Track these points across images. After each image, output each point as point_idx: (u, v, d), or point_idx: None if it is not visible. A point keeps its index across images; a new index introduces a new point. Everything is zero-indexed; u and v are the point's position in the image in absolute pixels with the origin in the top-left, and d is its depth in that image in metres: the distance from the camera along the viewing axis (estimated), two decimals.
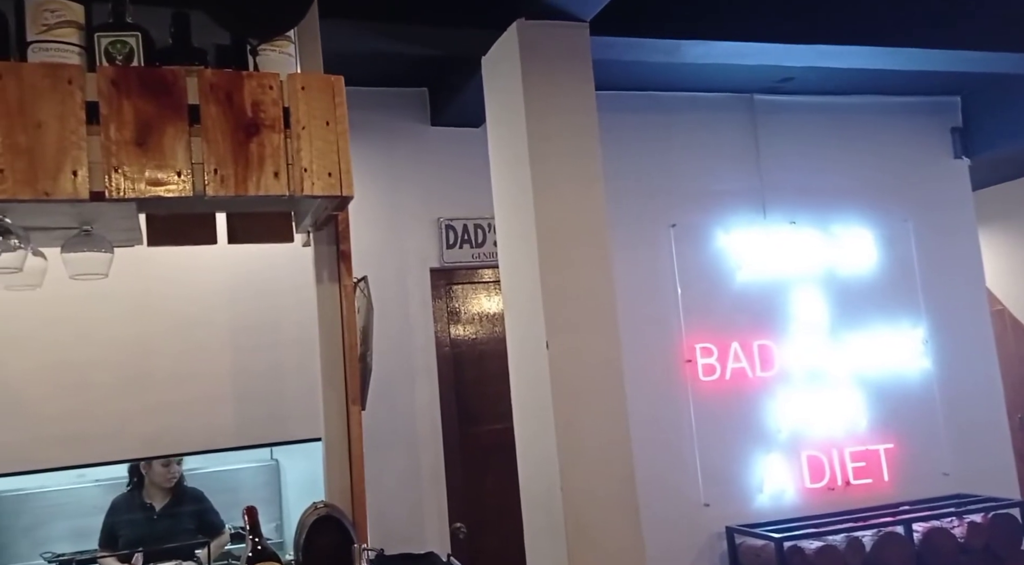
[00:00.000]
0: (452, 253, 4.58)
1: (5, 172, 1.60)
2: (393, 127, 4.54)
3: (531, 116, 3.26)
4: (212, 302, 3.95)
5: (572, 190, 3.26)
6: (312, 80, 2.00)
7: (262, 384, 3.97)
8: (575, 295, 3.17)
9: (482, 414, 4.42)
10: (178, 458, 3.78)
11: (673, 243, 4.79)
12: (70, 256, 1.90)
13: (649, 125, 4.83)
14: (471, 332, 4.59)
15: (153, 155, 1.77)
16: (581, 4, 3.16)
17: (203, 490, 3.82)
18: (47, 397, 3.55)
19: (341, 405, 2.25)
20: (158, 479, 3.69)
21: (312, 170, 1.97)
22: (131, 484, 3.75)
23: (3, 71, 1.62)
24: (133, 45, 1.84)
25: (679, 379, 4.68)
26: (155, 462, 3.66)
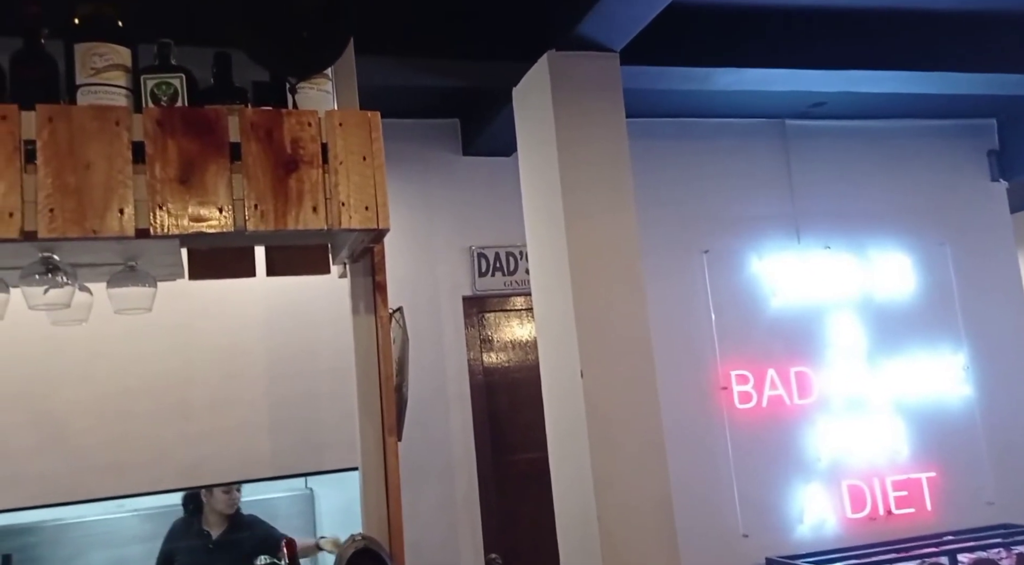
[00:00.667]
0: (484, 281, 4.60)
1: (55, 211, 1.64)
2: (426, 157, 4.59)
3: (562, 145, 3.28)
4: (249, 332, 4.00)
5: (604, 218, 3.27)
6: (349, 116, 2.04)
7: (298, 413, 4.00)
8: (609, 323, 3.16)
9: (516, 442, 4.41)
10: (238, 485, 3.79)
11: (706, 269, 4.77)
12: (115, 291, 1.94)
13: (681, 152, 4.84)
14: (504, 360, 4.60)
15: (196, 192, 1.81)
16: (611, 35, 3.19)
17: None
18: (90, 428, 3.61)
19: (378, 436, 2.26)
20: (219, 506, 3.71)
21: (349, 204, 2.00)
22: (188, 511, 3.77)
23: (54, 114, 1.67)
24: (177, 86, 1.89)
25: (715, 407, 4.64)
26: (216, 489, 3.69)
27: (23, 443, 3.53)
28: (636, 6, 2.95)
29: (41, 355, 3.54)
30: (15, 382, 3.55)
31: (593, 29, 3.11)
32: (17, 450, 3.52)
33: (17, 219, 1.61)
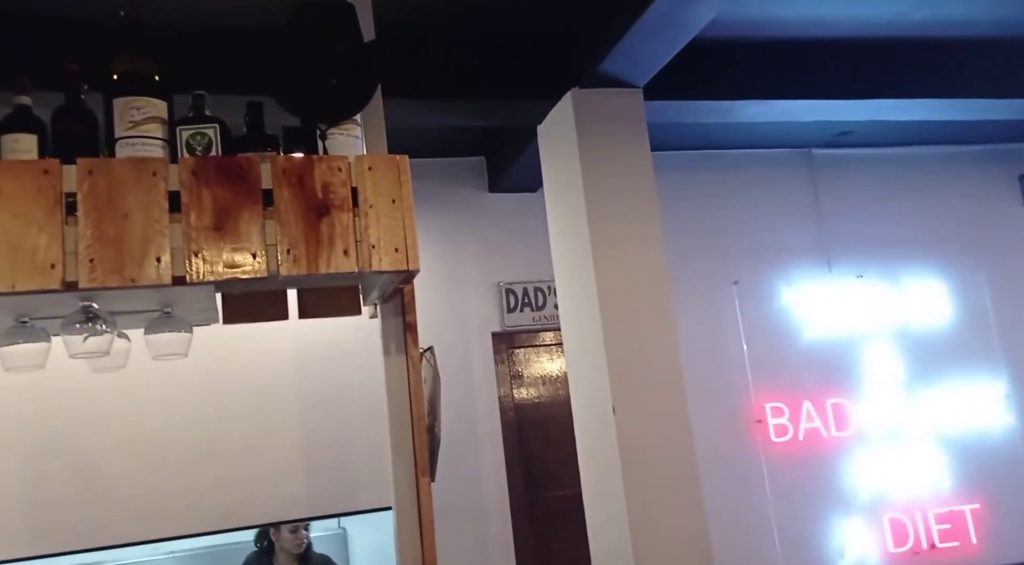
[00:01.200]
0: (513, 317, 4.61)
1: (95, 261, 1.68)
2: (452, 195, 4.64)
3: (588, 180, 3.30)
4: (281, 374, 4.03)
5: (632, 251, 3.27)
6: (378, 160, 2.07)
7: (331, 453, 4.00)
8: (640, 358, 3.14)
9: (549, 479, 4.38)
10: (305, 523, 3.79)
11: (736, 300, 4.74)
12: (153, 338, 1.97)
13: (707, 183, 4.84)
14: (535, 395, 4.58)
15: (230, 239, 1.84)
16: (634, 72, 3.22)
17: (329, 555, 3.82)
18: (126, 473, 3.63)
19: (411, 477, 2.26)
20: (287, 545, 3.71)
21: (380, 247, 2.01)
22: (260, 548, 3.78)
23: (94, 167, 1.71)
24: (212, 136, 1.93)
25: (750, 440, 4.57)
26: (283, 528, 3.70)
27: (60, 490, 3.56)
28: (657, 43, 2.97)
29: (77, 402, 3.59)
30: (52, 430, 3.59)
31: (616, 67, 3.14)
32: (55, 497, 3.55)
33: (59, 270, 1.64)
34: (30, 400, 3.43)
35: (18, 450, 3.56)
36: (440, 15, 3.18)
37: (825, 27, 3.60)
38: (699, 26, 2.88)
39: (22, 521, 3.52)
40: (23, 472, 3.52)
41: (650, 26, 2.81)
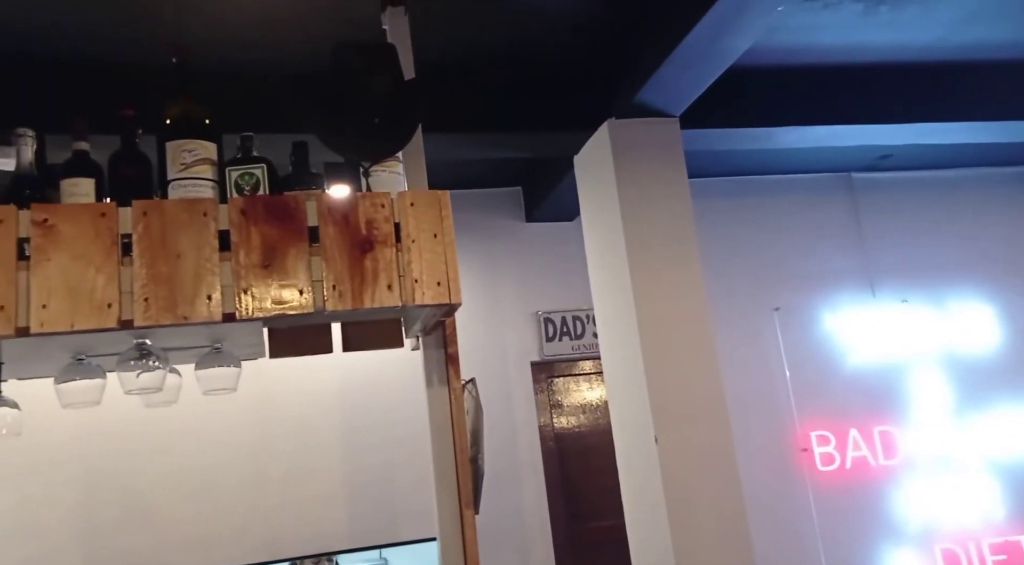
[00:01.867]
0: (552, 346, 4.61)
1: (149, 300, 1.73)
2: (490, 225, 4.68)
3: (626, 209, 3.31)
4: (324, 405, 4.08)
5: (671, 279, 3.27)
6: (420, 196, 2.10)
7: (373, 484, 4.03)
8: (681, 387, 3.12)
9: (592, 509, 4.34)
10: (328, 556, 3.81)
11: (778, 327, 4.69)
12: (203, 373, 2.02)
13: (745, 209, 4.82)
14: (575, 424, 4.56)
15: (278, 275, 1.89)
16: (670, 101, 3.24)
17: None
18: (175, 502, 3.70)
19: (455, 509, 2.26)
20: None
21: (422, 281, 2.04)
22: None
23: (148, 209, 1.77)
24: (259, 176, 1.99)
25: (796, 469, 4.50)
26: (307, 561, 3.72)
27: (110, 518, 3.64)
28: (693, 74, 2.99)
29: (126, 432, 3.68)
30: (102, 459, 3.68)
31: (651, 97, 3.17)
32: (105, 525, 3.62)
33: (115, 309, 1.69)
34: (82, 432, 3.52)
35: (71, 480, 3.64)
36: (477, 50, 3.24)
37: (863, 52, 3.59)
38: (734, 56, 2.89)
39: (75, 547, 3.60)
40: (76, 501, 3.60)
41: (685, 57, 2.84)
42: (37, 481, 3.59)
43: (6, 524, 3.53)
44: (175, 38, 2.01)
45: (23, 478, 3.58)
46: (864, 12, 3.26)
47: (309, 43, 2.58)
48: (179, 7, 2.63)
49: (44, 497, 3.59)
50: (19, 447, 3.45)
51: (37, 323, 1.63)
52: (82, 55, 2.76)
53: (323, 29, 2.68)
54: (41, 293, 1.65)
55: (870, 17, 3.30)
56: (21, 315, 1.63)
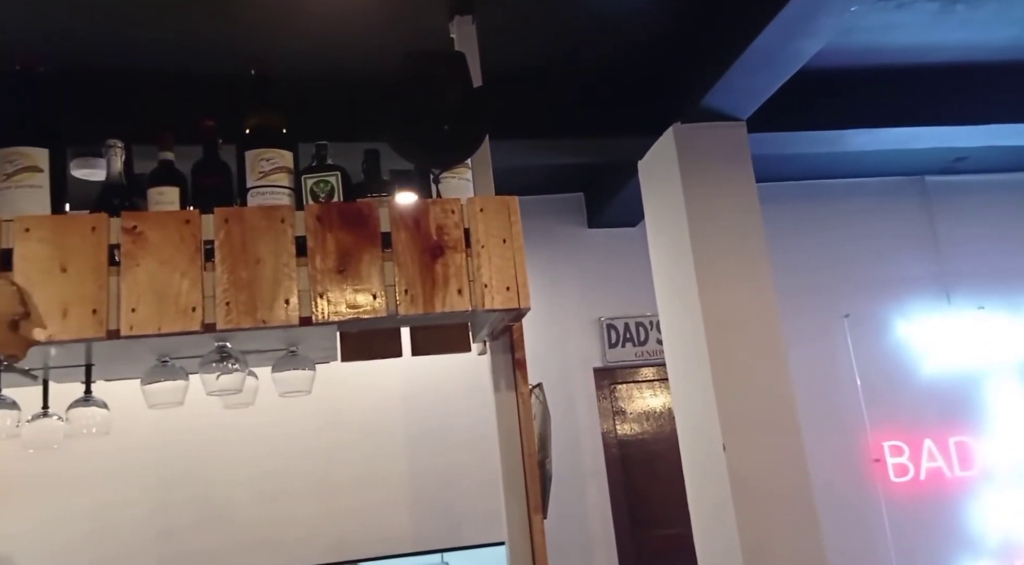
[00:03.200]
0: (615, 352, 4.59)
1: (230, 304, 1.78)
2: (552, 232, 4.69)
3: (692, 214, 3.28)
4: (388, 410, 4.14)
5: (739, 285, 3.22)
6: (489, 202, 2.12)
7: (437, 488, 4.07)
8: (750, 394, 3.08)
9: (656, 517, 4.30)
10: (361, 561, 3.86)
11: (848, 334, 4.58)
12: (279, 376, 2.07)
13: (814, 214, 4.73)
14: (638, 431, 4.53)
15: (352, 280, 1.92)
16: (737, 105, 3.20)
17: None
18: (246, 505, 3.80)
19: (523, 514, 2.27)
20: None
21: (492, 286, 2.06)
22: None
23: (229, 216, 1.83)
24: (334, 183, 2.04)
25: (868, 481, 4.38)
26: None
27: (185, 520, 3.75)
28: (762, 77, 2.96)
29: (200, 437, 3.79)
30: (177, 463, 3.80)
31: (719, 100, 3.14)
32: (180, 527, 3.74)
33: (199, 313, 1.75)
34: (159, 436, 3.64)
35: (148, 482, 3.77)
36: (541, 56, 3.25)
37: (936, 52, 3.49)
38: (805, 58, 2.84)
39: (151, 547, 3.72)
40: (152, 503, 3.72)
41: (754, 60, 2.80)
42: (116, 483, 3.73)
43: (88, 524, 3.66)
44: (253, 51, 2.08)
45: (103, 480, 3.71)
46: (939, 11, 3.18)
47: (380, 52, 2.62)
48: (257, 22, 2.71)
49: (123, 499, 3.72)
50: (100, 450, 3.58)
51: (127, 326, 1.70)
52: (165, 68, 2.87)
53: (393, 38, 2.73)
54: (130, 297, 1.72)
55: (945, 16, 3.21)
56: (112, 318, 1.69)
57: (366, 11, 2.76)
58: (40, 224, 1.69)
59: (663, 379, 4.54)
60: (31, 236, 1.67)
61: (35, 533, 3.63)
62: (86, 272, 1.70)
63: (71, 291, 1.67)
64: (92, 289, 1.69)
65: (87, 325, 1.67)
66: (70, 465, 3.59)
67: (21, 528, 3.62)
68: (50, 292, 1.66)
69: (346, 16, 2.76)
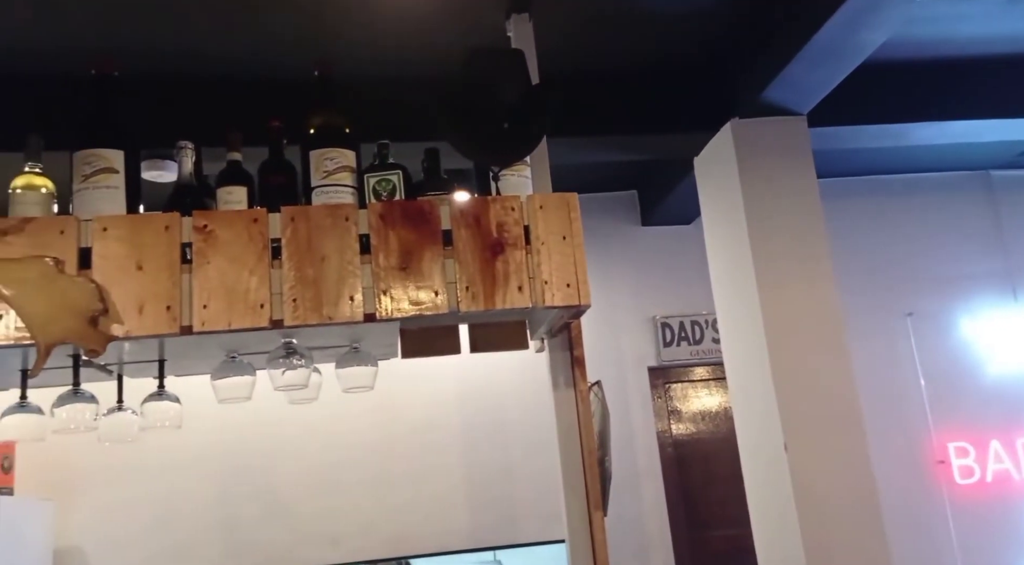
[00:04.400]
0: (669, 351, 4.55)
1: (297, 301, 1.82)
2: (605, 230, 4.66)
3: (751, 211, 3.24)
4: (444, 406, 4.17)
5: (800, 282, 3.17)
6: (549, 199, 2.13)
7: (492, 485, 4.09)
8: (812, 393, 3.02)
9: (713, 518, 4.25)
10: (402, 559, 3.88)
11: (911, 333, 4.47)
12: (343, 371, 2.10)
13: (875, 210, 4.63)
14: (694, 431, 4.49)
15: (414, 278, 1.95)
16: (798, 99, 3.15)
17: None
18: (306, 498, 3.87)
19: (583, 511, 2.27)
20: None
21: (552, 282, 2.07)
22: None
23: (295, 215, 1.87)
24: (396, 182, 2.06)
25: (932, 483, 4.27)
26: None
27: (248, 512, 3.83)
28: (824, 70, 2.90)
29: (262, 432, 3.87)
30: (241, 455, 3.89)
31: (779, 95, 3.09)
32: (243, 518, 3.82)
33: (267, 309, 1.79)
34: (221, 429, 3.72)
35: (213, 474, 3.86)
36: (595, 53, 3.24)
37: (1002, 43, 3.38)
38: (869, 50, 2.78)
39: (216, 538, 3.81)
40: (216, 494, 3.82)
41: (817, 53, 2.75)
42: (181, 475, 3.83)
43: (155, 513, 3.77)
44: (315, 53, 2.12)
45: (169, 472, 3.82)
46: (1006, 1, 3.08)
47: (438, 51, 2.65)
48: (317, 25, 2.76)
49: (188, 490, 3.81)
50: (166, 442, 3.68)
51: (199, 322, 1.74)
52: (230, 71, 2.94)
53: (451, 37, 2.75)
54: (202, 294, 1.76)
55: (1012, 6, 3.11)
56: (184, 315, 1.74)
57: (424, 10, 2.79)
58: (117, 224, 1.75)
59: (718, 378, 4.49)
60: (109, 235, 1.73)
61: (103, 523, 3.75)
62: (160, 270, 1.74)
63: (146, 288, 1.72)
64: (166, 286, 1.74)
65: (161, 321, 1.72)
66: (137, 457, 3.69)
67: (91, 518, 3.75)
68: (127, 289, 1.71)
69: (404, 16, 2.80)
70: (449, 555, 3.95)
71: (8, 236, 1.66)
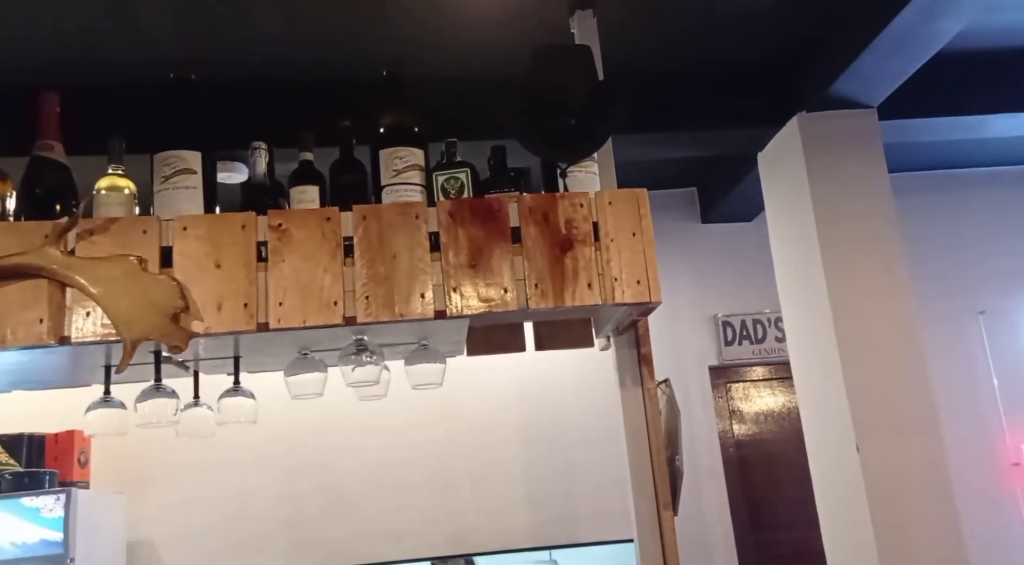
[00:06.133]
0: (731, 350, 4.48)
1: (370, 298, 1.84)
2: (664, 227, 4.57)
3: (819, 207, 3.17)
4: (503, 403, 4.17)
5: (871, 279, 3.09)
6: (618, 195, 2.11)
7: (552, 484, 4.08)
8: (885, 392, 2.94)
9: (777, 521, 4.17)
10: (468, 557, 3.89)
11: (984, 331, 4.32)
12: (412, 368, 2.11)
13: (946, 205, 4.49)
14: (756, 432, 4.41)
15: (483, 275, 1.95)
16: (868, 91, 3.07)
17: None
18: (368, 495, 3.91)
19: (652, 511, 2.24)
20: None
21: (622, 279, 2.05)
22: None
23: (367, 213, 1.88)
24: (464, 180, 2.07)
25: (1007, 486, 4.13)
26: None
27: (312, 508, 3.89)
28: (897, 61, 2.82)
29: (324, 428, 3.91)
30: (306, 452, 3.94)
31: (848, 87, 3.01)
32: (307, 515, 3.88)
33: (340, 307, 1.81)
34: (286, 426, 3.78)
35: (276, 470, 3.93)
36: (657, 48, 3.20)
37: None
38: (944, 40, 2.70)
39: (281, 534, 3.87)
40: (282, 491, 3.88)
41: (889, 43, 2.67)
42: (248, 471, 3.90)
43: (222, 508, 3.85)
44: (383, 53, 2.13)
45: (236, 467, 3.89)
46: None
47: (502, 48, 2.65)
48: (384, 26, 2.79)
49: (254, 486, 3.88)
50: (233, 438, 3.75)
51: (275, 319, 1.77)
52: (298, 73, 2.99)
53: (515, 34, 2.75)
54: (277, 291, 1.79)
55: None
56: (261, 312, 1.77)
57: (488, 9, 2.79)
58: (196, 223, 1.78)
59: (781, 378, 4.40)
60: (188, 234, 1.77)
61: (173, 516, 3.84)
62: (237, 268, 1.78)
63: (225, 286, 1.76)
64: (243, 284, 1.77)
65: (239, 318, 1.75)
66: (204, 453, 3.77)
67: (160, 511, 3.84)
68: (206, 287, 1.74)
69: (468, 14, 2.80)
70: (509, 553, 3.95)
71: (94, 236, 1.71)
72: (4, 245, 1.67)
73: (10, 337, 1.63)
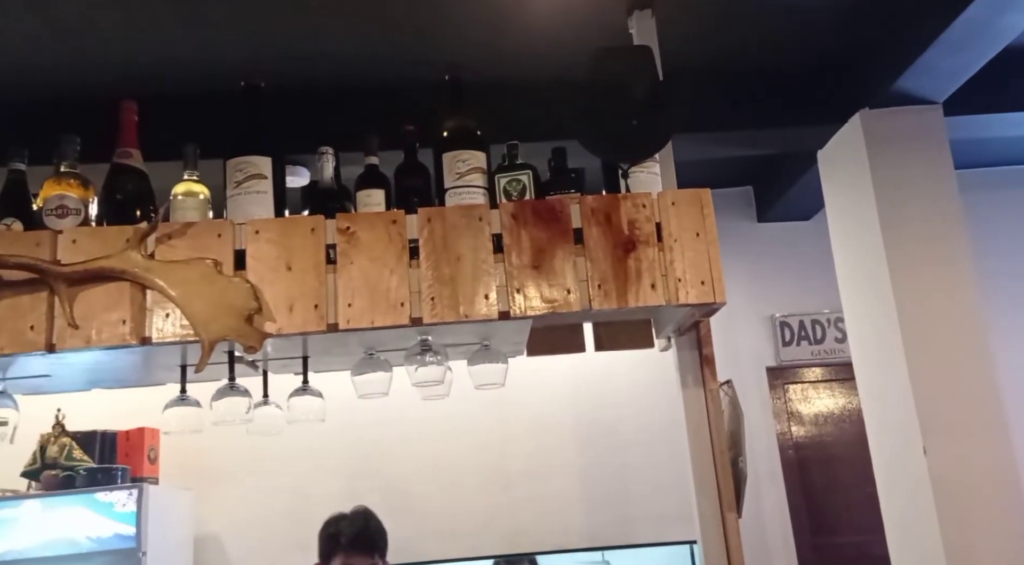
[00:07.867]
0: (789, 351, 4.42)
1: (435, 299, 1.87)
2: (720, 227, 4.51)
3: (883, 205, 3.11)
4: (558, 404, 4.18)
5: (937, 278, 3.03)
6: (681, 196, 2.10)
7: (607, 484, 4.07)
8: (953, 393, 2.88)
9: (839, 525, 4.10)
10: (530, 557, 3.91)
11: None
12: (475, 368, 2.14)
13: (1013, 202, 4.36)
14: (816, 434, 4.34)
15: (546, 276, 1.96)
16: (934, 87, 3.00)
17: None
18: (425, 495, 3.95)
19: (715, 512, 2.23)
20: None
21: (685, 280, 2.04)
22: None
23: (432, 215, 1.91)
24: (525, 181, 2.08)
25: None
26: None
27: (373, 506, 3.93)
28: (965, 55, 2.76)
29: (385, 430, 3.97)
30: (364, 451, 4.00)
31: (913, 83, 2.95)
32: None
33: (407, 308, 1.84)
34: (345, 425, 3.83)
35: (338, 468, 3.99)
36: (716, 47, 3.18)
37: None
38: (1015, 33, 2.62)
39: None
40: (341, 488, 3.94)
41: (957, 38, 2.61)
42: (309, 470, 3.97)
43: (285, 505, 3.93)
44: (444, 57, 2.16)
45: (298, 466, 3.97)
46: None
47: (561, 50, 2.67)
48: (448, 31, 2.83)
49: (315, 485, 3.95)
50: (295, 437, 3.83)
51: (344, 320, 1.81)
52: (364, 78, 3.05)
53: (574, 36, 2.76)
54: (346, 293, 1.83)
55: None
56: (330, 313, 1.81)
57: (547, 10, 2.80)
58: (268, 226, 1.83)
59: (841, 379, 4.33)
60: (260, 237, 1.82)
61: (238, 512, 3.93)
62: (308, 270, 1.82)
63: (296, 287, 1.80)
64: (313, 285, 1.81)
65: (310, 319, 1.79)
66: (268, 451, 3.85)
67: (226, 508, 3.93)
68: (278, 289, 1.79)
69: (527, 16, 2.82)
70: (562, 553, 3.95)
71: (172, 240, 1.77)
72: (88, 249, 1.74)
73: (95, 337, 1.70)
